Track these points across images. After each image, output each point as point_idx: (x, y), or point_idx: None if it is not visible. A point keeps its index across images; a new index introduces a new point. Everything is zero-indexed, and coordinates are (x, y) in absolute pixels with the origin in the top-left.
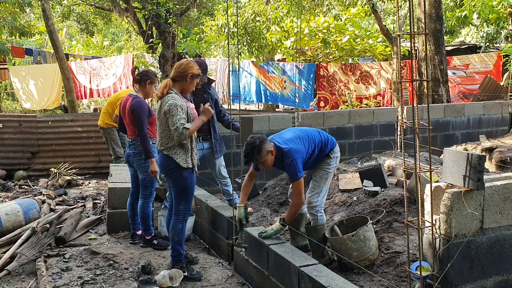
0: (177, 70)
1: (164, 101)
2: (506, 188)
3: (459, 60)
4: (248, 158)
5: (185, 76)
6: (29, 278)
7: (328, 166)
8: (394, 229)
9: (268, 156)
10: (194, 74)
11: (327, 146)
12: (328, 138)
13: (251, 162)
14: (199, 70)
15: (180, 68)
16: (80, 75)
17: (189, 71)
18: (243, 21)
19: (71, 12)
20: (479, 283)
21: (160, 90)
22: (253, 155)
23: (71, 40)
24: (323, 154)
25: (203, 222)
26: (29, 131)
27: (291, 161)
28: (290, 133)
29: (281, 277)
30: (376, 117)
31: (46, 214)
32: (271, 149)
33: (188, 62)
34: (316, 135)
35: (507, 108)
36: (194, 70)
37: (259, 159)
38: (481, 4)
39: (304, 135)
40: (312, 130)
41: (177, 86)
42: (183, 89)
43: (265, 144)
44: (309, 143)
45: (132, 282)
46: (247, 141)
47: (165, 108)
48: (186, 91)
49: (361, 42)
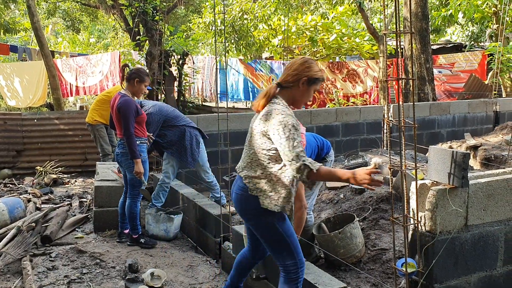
0: (288, 72)
1: (267, 114)
2: (489, 186)
3: (445, 58)
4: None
5: (297, 81)
6: (14, 278)
7: None
8: (381, 226)
9: None
10: (313, 77)
11: (323, 150)
12: (323, 142)
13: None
14: (320, 72)
15: (291, 69)
16: (66, 73)
17: (304, 73)
18: (231, 18)
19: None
20: (463, 279)
21: (260, 99)
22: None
23: (57, 37)
24: (319, 158)
25: (190, 220)
26: (14, 129)
27: None
28: None
29: (269, 275)
30: (363, 115)
31: (31, 212)
32: None
33: (306, 60)
34: (312, 140)
35: (492, 107)
36: (313, 72)
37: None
38: (466, 3)
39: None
40: (308, 134)
41: (286, 94)
42: (295, 100)
43: None
44: (306, 150)
45: (119, 280)
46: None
47: (268, 125)
48: (298, 102)
49: (348, 41)
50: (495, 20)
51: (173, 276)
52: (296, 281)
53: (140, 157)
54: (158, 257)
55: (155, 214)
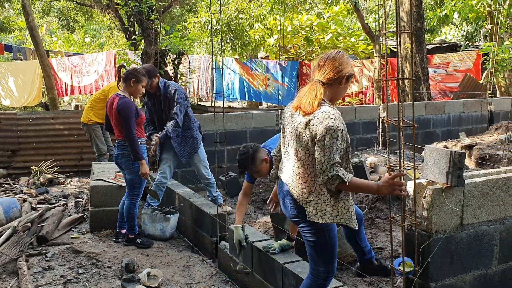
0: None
1: (314, 118)
2: (485, 185)
3: (440, 58)
4: (242, 168)
5: (340, 78)
6: (10, 278)
7: None
8: (377, 226)
9: (262, 164)
10: (351, 73)
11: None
12: None
13: (245, 172)
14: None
15: (334, 64)
16: (61, 72)
17: (346, 69)
18: (227, 18)
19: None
20: (459, 277)
21: (308, 100)
22: (247, 165)
23: (52, 36)
24: None
25: (187, 220)
26: (9, 129)
27: None
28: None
29: (265, 274)
30: (358, 114)
31: (27, 212)
32: (265, 157)
33: (342, 55)
34: None
35: (486, 106)
36: (351, 67)
37: (253, 168)
38: (461, 3)
39: None
40: None
41: (327, 93)
42: (335, 98)
43: (259, 153)
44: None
45: (115, 280)
46: (240, 150)
47: (315, 130)
48: (335, 101)
49: (344, 40)
50: (490, 20)
51: (170, 276)
52: (321, 287)
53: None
54: (154, 257)
55: (151, 213)
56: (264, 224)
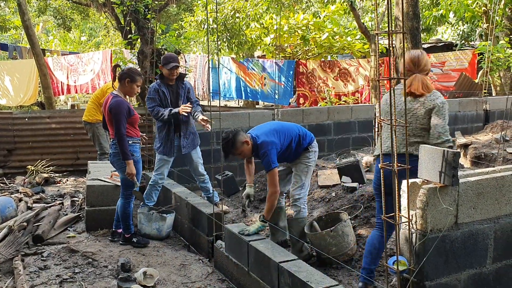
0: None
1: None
2: (479, 184)
3: (435, 57)
4: (226, 153)
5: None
6: (6, 277)
7: (308, 160)
8: (372, 225)
9: (244, 146)
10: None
11: (305, 140)
12: (306, 132)
13: (229, 156)
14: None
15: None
16: (57, 71)
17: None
18: (223, 17)
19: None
20: (453, 276)
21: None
22: (229, 149)
23: (48, 35)
24: (301, 147)
25: (183, 219)
26: (5, 128)
27: (264, 152)
28: (267, 126)
29: (261, 273)
30: (355, 114)
31: (23, 212)
32: (245, 139)
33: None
34: (294, 128)
35: (482, 105)
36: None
37: (235, 151)
38: (457, 2)
39: (279, 128)
40: (291, 124)
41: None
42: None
43: (238, 136)
44: (285, 136)
45: (111, 280)
46: (222, 136)
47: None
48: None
49: (340, 40)
50: (485, 19)
51: (166, 275)
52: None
53: (133, 157)
54: (150, 256)
55: (148, 213)
56: None
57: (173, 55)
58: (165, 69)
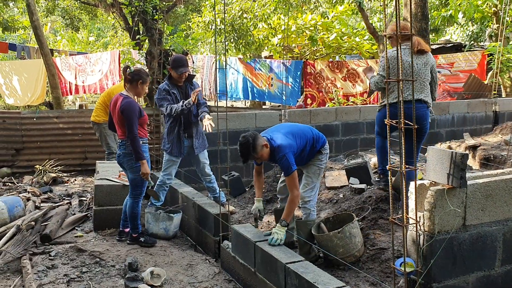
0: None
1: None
2: (488, 186)
3: (444, 58)
4: (245, 158)
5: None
6: (14, 276)
7: (320, 162)
8: (380, 226)
9: (263, 150)
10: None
11: (318, 142)
12: (319, 134)
13: (248, 161)
14: None
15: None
16: (65, 71)
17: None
18: (230, 18)
19: (56, 6)
20: (461, 278)
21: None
22: (249, 153)
23: (56, 35)
24: (315, 150)
25: (190, 219)
26: (14, 128)
27: (282, 155)
28: (282, 128)
29: (268, 273)
30: (363, 114)
31: (31, 211)
32: (264, 143)
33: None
34: (308, 130)
35: (491, 107)
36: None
37: (255, 155)
38: (466, 3)
39: (295, 131)
40: (304, 126)
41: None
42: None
43: (258, 140)
44: (301, 139)
45: (119, 279)
46: (240, 141)
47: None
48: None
49: (348, 40)
50: (495, 20)
51: (173, 275)
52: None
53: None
54: (157, 255)
55: (155, 212)
56: (267, 224)
57: (182, 58)
58: (174, 72)
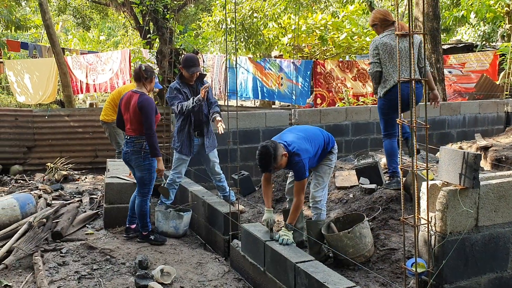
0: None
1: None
2: (501, 187)
3: (455, 59)
4: (265, 168)
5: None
6: (26, 273)
7: (330, 162)
8: (390, 226)
9: (283, 159)
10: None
11: (328, 144)
12: (328, 136)
13: (267, 170)
14: None
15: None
16: (76, 70)
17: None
18: (241, 17)
19: (67, 6)
20: (473, 279)
21: (406, 26)
22: (270, 163)
23: (67, 34)
24: (326, 152)
25: (199, 218)
26: (25, 126)
27: (299, 160)
28: (296, 133)
29: (277, 273)
30: (373, 114)
31: (42, 208)
32: (284, 152)
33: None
34: (319, 134)
35: (503, 107)
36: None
37: (275, 165)
38: (478, 3)
39: (310, 136)
40: (315, 129)
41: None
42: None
43: (279, 150)
44: (315, 143)
45: (129, 277)
46: (260, 151)
47: (418, 39)
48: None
49: (359, 40)
50: (508, 19)
51: (183, 273)
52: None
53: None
54: (167, 254)
55: (165, 211)
56: (277, 223)
57: (194, 58)
58: (185, 71)
